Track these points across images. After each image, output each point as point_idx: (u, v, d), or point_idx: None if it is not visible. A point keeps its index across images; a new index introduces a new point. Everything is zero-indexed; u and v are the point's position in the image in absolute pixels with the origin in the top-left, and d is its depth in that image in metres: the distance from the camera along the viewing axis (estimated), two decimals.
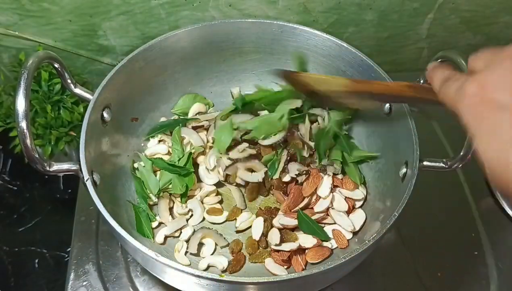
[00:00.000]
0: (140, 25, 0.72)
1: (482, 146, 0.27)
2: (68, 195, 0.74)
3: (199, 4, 0.70)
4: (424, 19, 0.78)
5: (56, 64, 0.54)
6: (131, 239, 0.46)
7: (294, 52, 0.67)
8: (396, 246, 0.65)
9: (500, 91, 0.27)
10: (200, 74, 0.72)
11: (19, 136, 0.45)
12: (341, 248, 0.60)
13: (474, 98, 0.28)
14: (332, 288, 0.60)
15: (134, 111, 0.67)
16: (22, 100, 0.45)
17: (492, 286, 0.62)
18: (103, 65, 0.78)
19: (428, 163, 0.54)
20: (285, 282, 0.45)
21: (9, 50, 0.73)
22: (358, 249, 0.46)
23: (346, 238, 0.60)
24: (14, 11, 0.67)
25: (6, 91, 0.70)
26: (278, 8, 0.73)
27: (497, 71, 0.28)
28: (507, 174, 0.26)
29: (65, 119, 0.67)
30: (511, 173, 0.26)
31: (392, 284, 0.62)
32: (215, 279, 0.44)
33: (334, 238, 0.60)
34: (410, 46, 0.84)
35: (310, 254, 0.58)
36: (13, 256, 0.68)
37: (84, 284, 0.59)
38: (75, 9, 0.68)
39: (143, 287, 0.60)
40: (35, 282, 0.65)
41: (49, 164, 0.50)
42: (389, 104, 0.61)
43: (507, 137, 0.26)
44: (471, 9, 0.77)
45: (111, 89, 0.59)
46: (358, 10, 0.75)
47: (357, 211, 0.63)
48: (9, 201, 0.73)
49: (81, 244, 0.63)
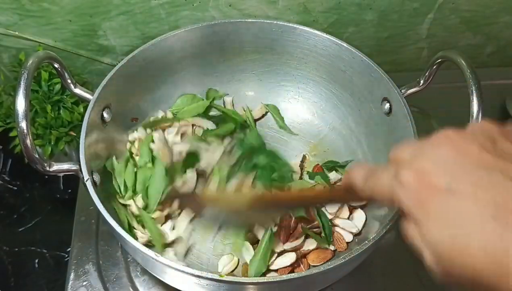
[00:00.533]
0: (140, 25, 0.72)
1: (433, 231, 0.27)
2: (68, 195, 0.74)
3: (199, 4, 0.70)
4: (424, 19, 0.78)
5: (56, 64, 0.54)
6: (131, 239, 0.46)
7: None
8: (396, 246, 0.64)
9: (439, 176, 0.27)
10: (200, 74, 0.72)
11: (19, 136, 0.45)
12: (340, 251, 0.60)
13: (414, 185, 0.28)
14: (332, 288, 0.60)
15: (134, 111, 0.67)
16: (22, 100, 0.45)
17: None
18: (103, 65, 0.78)
19: None
20: (285, 282, 0.45)
21: (9, 50, 0.73)
22: (358, 249, 0.46)
23: (346, 241, 0.60)
24: (14, 11, 0.67)
25: (6, 91, 0.70)
26: (278, 8, 0.73)
27: (431, 158, 0.28)
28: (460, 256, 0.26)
29: (65, 119, 0.67)
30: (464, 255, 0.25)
31: (392, 284, 0.62)
32: (215, 279, 0.44)
33: (334, 241, 0.60)
34: (410, 46, 0.84)
35: (312, 257, 0.58)
36: (13, 256, 0.68)
37: (84, 284, 0.59)
38: (75, 9, 0.68)
39: (143, 287, 0.60)
40: (35, 282, 0.65)
41: (49, 164, 0.50)
42: (389, 104, 0.61)
43: (457, 222, 0.26)
44: (471, 9, 0.77)
45: (111, 89, 0.59)
46: (358, 10, 0.75)
47: (357, 211, 0.63)
48: (9, 201, 0.73)
49: (81, 244, 0.63)
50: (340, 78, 0.68)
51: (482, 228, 0.25)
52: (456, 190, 0.26)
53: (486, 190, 0.26)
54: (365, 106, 0.66)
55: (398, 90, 0.58)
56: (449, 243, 0.26)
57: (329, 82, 0.70)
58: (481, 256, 0.25)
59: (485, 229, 0.25)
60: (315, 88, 0.72)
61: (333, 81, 0.70)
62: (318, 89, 0.72)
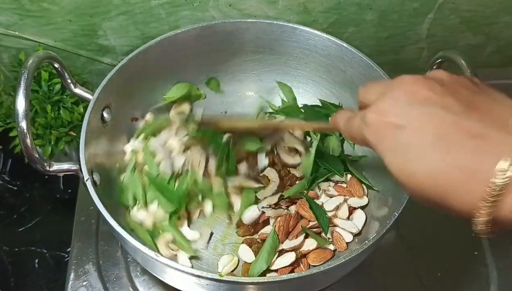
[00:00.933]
0: (140, 25, 0.72)
1: (387, 160, 0.33)
2: (68, 195, 0.74)
3: (199, 4, 0.70)
4: (424, 19, 0.78)
5: (56, 64, 0.54)
6: (131, 239, 0.46)
7: None
8: (396, 246, 0.65)
9: (394, 115, 0.32)
10: (200, 74, 0.72)
11: (19, 136, 0.45)
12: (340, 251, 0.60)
13: (375, 123, 0.34)
14: (332, 288, 0.60)
15: (134, 111, 0.67)
16: (22, 100, 0.45)
17: (492, 286, 0.62)
18: (103, 65, 0.78)
19: None
20: (285, 282, 0.45)
21: (9, 50, 0.73)
22: (358, 249, 0.46)
23: (345, 241, 0.60)
24: (14, 11, 0.67)
25: (6, 91, 0.70)
26: (278, 8, 0.73)
27: (388, 99, 0.33)
28: (409, 182, 0.31)
29: (65, 119, 0.67)
30: (412, 181, 0.31)
31: (392, 284, 0.62)
32: (215, 279, 0.44)
33: (334, 241, 0.60)
34: (410, 46, 0.84)
35: (312, 257, 0.58)
36: (13, 256, 0.68)
37: (84, 284, 0.59)
38: (75, 9, 0.68)
39: (143, 287, 0.60)
40: (35, 282, 0.65)
41: (49, 164, 0.50)
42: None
43: (407, 151, 0.31)
44: (471, 9, 0.77)
45: (111, 89, 0.59)
46: (358, 10, 0.75)
47: (357, 211, 0.63)
48: (9, 201, 0.73)
49: (81, 244, 0.63)
50: (340, 78, 0.68)
51: (426, 155, 0.30)
52: (405, 125, 0.31)
53: (429, 123, 0.30)
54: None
55: None
56: (400, 171, 0.31)
57: (329, 82, 0.70)
58: (427, 181, 0.30)
59: (428, 156, 0.30)
60: (315, 88, 0.72)
61: (333, 81, 0.70)
62: (318, 89, 0.72)
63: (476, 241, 0.65)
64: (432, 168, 0.29)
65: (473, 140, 0.28)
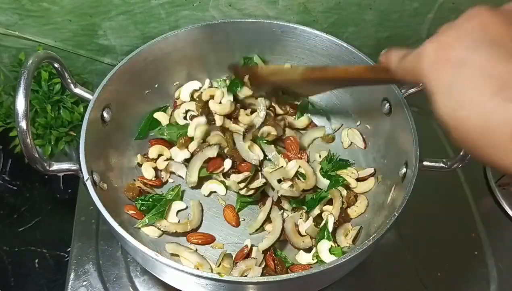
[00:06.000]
0: (140, 25, 0.72)
1: (437, 101, 0.29)
2: (68, 195, 0.74)
3: (199, 4, 0.70)
4: (424, 19, 0.78)
5: (56, 64, 0.54)
6: (131, 239, 0.46)
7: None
8: (396, 246, 0.65)
9: (457, 49, 0.28)
10: (200, 74, 0.72)
11: (19, 136, 0.45)
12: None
13: (433, 56, 0.30)
14: (332, 288, 0.60)
15: (134, 111, 0.67)
16: (22, 100, 0.45)
17: (492, 286, 0.62)
18: (103, 65, 0.78)
19: (428, 163, 0.54)
20: (285, 282, 0.45)
21: (9, 50, 0.73)
22: (358, 249, 0.46)
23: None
24: (14, 11, 0.67)
25: (6, 91, 0.70)
26: (278, 8, 0.73)
27: (456, 31, 0.29)
28: (456, 129, 0.28)
29: (65, 119, 0.67)
30: (460, 128, 0.27)
31: (392, 284, 0.62)
32: (215, 279, 0.44)
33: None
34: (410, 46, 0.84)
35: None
36: (13, 256, 0.68)
37: (84, 284, 0.59)
38: (75, 9, 0.68)
39: (143, 287, 0.60)
40: (35, 282, 0.65)
41: (49, 164, 0.50)
42: (389, 104, 0.61)
43: (463, 94, 0.27)
44: None
45: (111, 89, 0.59)
46: (358, 10, 0.75)
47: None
48: (9, 201, 0.73)
49: (81, 244, 0.63)
50: None
51: (482, 104, 0.26)
52: (467, 63, 0.27)
53: (494, 70, 0.26)
54: (365, 106, 0.66)
55: (398, 90, 0.58)
56: (449, 114, 0.28)
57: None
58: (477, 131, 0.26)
59: (484, 104, 0.26)
60: None
61: None
62: None
63: (476, 241, 0.65)
64: (486, 119, 0.26)
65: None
